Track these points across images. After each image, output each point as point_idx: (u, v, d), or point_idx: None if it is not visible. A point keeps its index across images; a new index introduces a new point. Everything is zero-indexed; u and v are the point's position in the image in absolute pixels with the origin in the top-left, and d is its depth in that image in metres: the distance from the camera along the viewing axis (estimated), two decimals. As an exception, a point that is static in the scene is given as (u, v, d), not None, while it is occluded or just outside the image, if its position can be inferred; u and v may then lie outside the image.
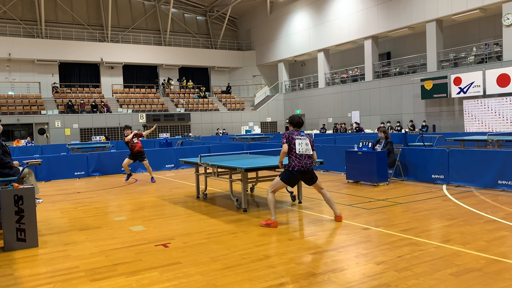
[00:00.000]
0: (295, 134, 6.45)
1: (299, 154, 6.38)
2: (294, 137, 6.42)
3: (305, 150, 6.39)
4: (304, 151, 6.38)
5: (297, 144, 6.38)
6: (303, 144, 6.40)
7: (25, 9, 31.74)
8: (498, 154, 8.66)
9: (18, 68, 30.87)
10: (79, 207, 8.55)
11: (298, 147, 6.37)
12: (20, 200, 5.56)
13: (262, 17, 36.93)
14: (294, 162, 6.39)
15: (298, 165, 6.39)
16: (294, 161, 6.39)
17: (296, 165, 6.39)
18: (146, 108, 32.31)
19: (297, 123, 6.63)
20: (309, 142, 6.48)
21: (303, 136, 6.48)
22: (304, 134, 6.52)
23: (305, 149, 6.39)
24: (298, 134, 6.48)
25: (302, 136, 6.46)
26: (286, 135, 6.48)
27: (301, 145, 6.38)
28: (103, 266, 4.78)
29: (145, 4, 36.56)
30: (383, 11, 25.89)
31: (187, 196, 9.37)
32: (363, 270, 4.37)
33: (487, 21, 23.72)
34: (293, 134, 6.45)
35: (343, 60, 32.89)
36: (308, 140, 6.48)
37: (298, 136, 6.45)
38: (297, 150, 6.36)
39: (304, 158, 6.41)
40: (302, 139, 6.43)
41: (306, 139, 6.46)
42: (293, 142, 6.38)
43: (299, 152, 6.36)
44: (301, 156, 6.39)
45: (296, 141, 6.40)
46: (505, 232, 5.55)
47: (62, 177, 13.35)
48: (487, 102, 20.70)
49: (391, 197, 8.29)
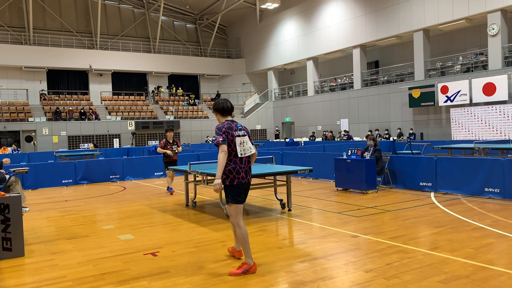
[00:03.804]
0: (233, 128, 4.62)
1: (240, 159, 4.61)
2: (234, 134, 4.60)
3: (246, 150, 4.66)
4: (246, 153, 4.65)
5: (237, 144, 4.60)
6: (244, 143, 4.65)
7: (13, 15, 31.50)
8: (485, 162, 8.77)
9: (5, 75, 30.54)
10: (67, 216, 8.45)
11: (239, 148, 4.59)
12: (6, 208, 5.48)
13: (252, 25, 37.13)
14: (234, 172, 4.58)
15: (238, 176, 4.58)
16: (234, 169, 4.58)
17: (236, 177, 4.58)
18: (135, 116, 32.15)
19: (226, 108, 4.74)
20: (249, 136, 4.79)
21: (241, 130, 4.69)
22: (241, 127, 4.73)
23: (246, 149, 4.66)
24: (236, 128, 4.65)
25: (240, 131, 4.68)
26: (223, 130, 4.55)
27: (242, 144, 4.62)
28: (91, 276, 4.73)
29: (135, 12, 36.53)
30: (371, 20, 26.21)
31: (176, 204, 9.32)
32: (352, 278, 4.38)
33: (472, 31, 24.15)
34: (232, 129, 4.60)
35: (332, 68, 33.18)
36: (247, 135, 4.76)
37: (237, 131, 4.64)
38: (239, 152, 4.59)
39: (244, 165, 4.65)
40: (242, 135, 4.66)
41: (245, 135, 4.73)
42: (234, 141, 4.58)
43: (241, 155, 4.61)
44: (241, 161, 4.62)
45: (237, 139, 4.60)
46: (492, 239, 5.61)
47: (49, 185, 13.19)
48: (474, 111, 21.00)
49: (380, 205, 8.34)
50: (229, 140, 4.55)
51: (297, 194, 10.08)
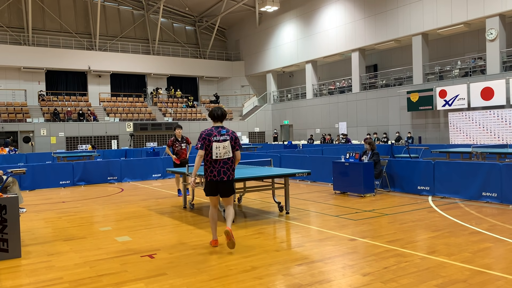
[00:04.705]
0: (213, 134, 5.46)
1: (214, 160, 5.43)
2: (211, 140, 5.44)
3: (223, 154, 5.42)
4: (222, 155, 5.42)
5: (213, 148, 5.41)
6: (220, 148, 5.42)
7: (12, 16, 31.48)
8: (482, 166, 8.79)
9: (3, 75, 30.49)
10: (64, 217, 8.43)
11: (214, 151, 5.41)
12: (3, 209, 5.47)
13: (251, 28, 37.18)
14: (208, 171, 5.47)
15: (210, 174, 5.47)
16: (208, 168, 5.46)
17: (209, 175, 5.47)
18: (133, 117, 32.13)
19: (217, 116, 5.58)
20: (230, 142, 5.51)
21: (223, 135, 5.48)
22: (225, 132, 5.51)
23: (223, 153, 5.42)
24: (217, 134, 5.47)
25: (222, 136, 5.47)
26: (202, 136, 5.45)
27: (218, 148, 5.41)
28: (88, 277, 4.72)
29: (134, 13, 36.55)
30: (370, 24, 26.28)
31: (174, 206, 9.31)
32: (349, 281, 4.38)
33: (471, 35, 24.24)
34: (211, 135, 5.45)
35: (330, 71, 33.23)
36: (229, 140, 5.51)
37: (217, 136, 5.46)
38: (213, 155, 5.41)
39: (217, 165, 5.44)
40: (222, 140, 5.45)
41: (226, 139, 5.48)
42: (210, 146, 5.43)
43: (216, 157, 5.41)
44: (215, 162, 5.44)
45: (213, 144, 5.43)
46: (489, 244, 5.62)
47: (47, 186, 13.16)
48: (472, 115, 21.06)
49: (378, 208, 8.34)
50: (206, 145, 5.44)
51: (295, 197, 10.08)
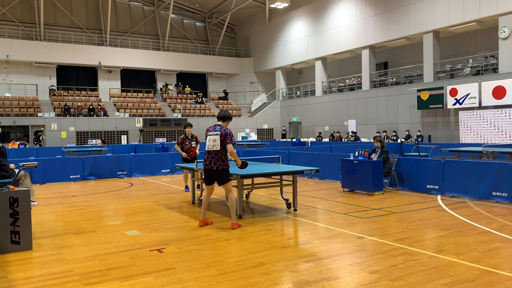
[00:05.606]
0: (210, 129, 6.54)
1: (207, 151, 6.48)
2: (207, 134, 6.54)
3: (211, 146, 6.40)
4: (211, 147, 6.40)
5: (206, 140, 6.49)
6: (211, 141, 6.41)
7: (24, 11, 31.76)
8: (493, 165, 8.72)
9: (15, 70, 30.82)
10: (74, 211, 8.52)
11: (206, 143, 6.47)
12: (15, 202, 5.55)
13: (261, 24, 37.11)
14: (204, 160, 6.56)
15: (204, 163, 6.53)
16: (205, 157, 6.55)
17: (204, 163, 6.55)
18: (143, 113, 32.29)
19: (219, 116, 6.67)
20: (219, 137, 6.39)
21: (216, 131, 6.45)
22: (219, 128, 6.48)
23: (212, 145, 6.40)
24: (213, 129, 6.50)
25: (215, 131, 6.46)
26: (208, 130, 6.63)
27: (209, 141, 6.43)
28: (97, 270, 4.78)
29: (145, 9, 36.67)
30: (381, 21, 26.09)
31: (182, 202, 9.36)
32: (357, 279, 4.39)
33: (483, 33, 23.94)
34: (208, 130, 6.57)
35: (340, 69, 33.05)
36: (219, 135, 6.40)
37: (212, 131, 6.50)
38: (206, 147, 6.47)
39: (209, 155, 6.44)
40: (213, 134, 6.43)
41: (217, 134, 6.41)
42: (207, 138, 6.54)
43: (207, 149, 6.44)
44: (208, 153, 6.46)
45: (208, 137, 6.50)
46: (499, 244, 5.58)
47: (57, 180, 13.30)
48: (483, 114, 20.85)
49: (386, 207, 8.32)
50: (206, 138, 6.58)
51: (303, 194, 10.08)
